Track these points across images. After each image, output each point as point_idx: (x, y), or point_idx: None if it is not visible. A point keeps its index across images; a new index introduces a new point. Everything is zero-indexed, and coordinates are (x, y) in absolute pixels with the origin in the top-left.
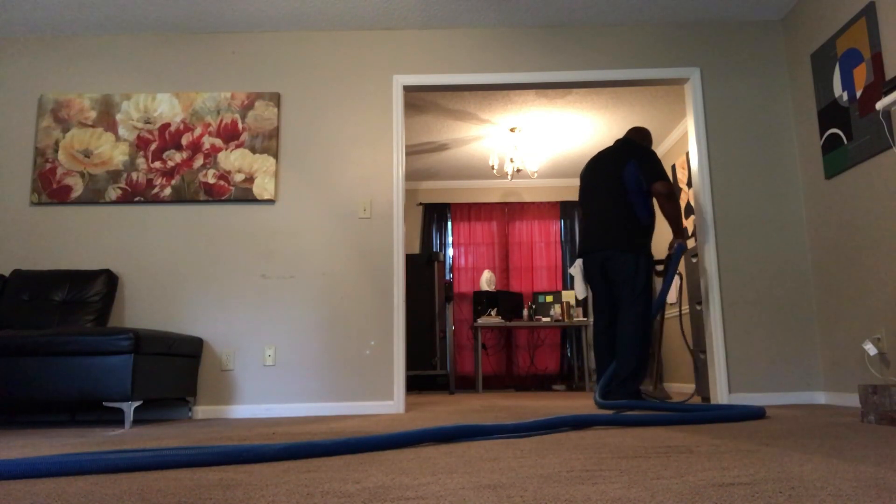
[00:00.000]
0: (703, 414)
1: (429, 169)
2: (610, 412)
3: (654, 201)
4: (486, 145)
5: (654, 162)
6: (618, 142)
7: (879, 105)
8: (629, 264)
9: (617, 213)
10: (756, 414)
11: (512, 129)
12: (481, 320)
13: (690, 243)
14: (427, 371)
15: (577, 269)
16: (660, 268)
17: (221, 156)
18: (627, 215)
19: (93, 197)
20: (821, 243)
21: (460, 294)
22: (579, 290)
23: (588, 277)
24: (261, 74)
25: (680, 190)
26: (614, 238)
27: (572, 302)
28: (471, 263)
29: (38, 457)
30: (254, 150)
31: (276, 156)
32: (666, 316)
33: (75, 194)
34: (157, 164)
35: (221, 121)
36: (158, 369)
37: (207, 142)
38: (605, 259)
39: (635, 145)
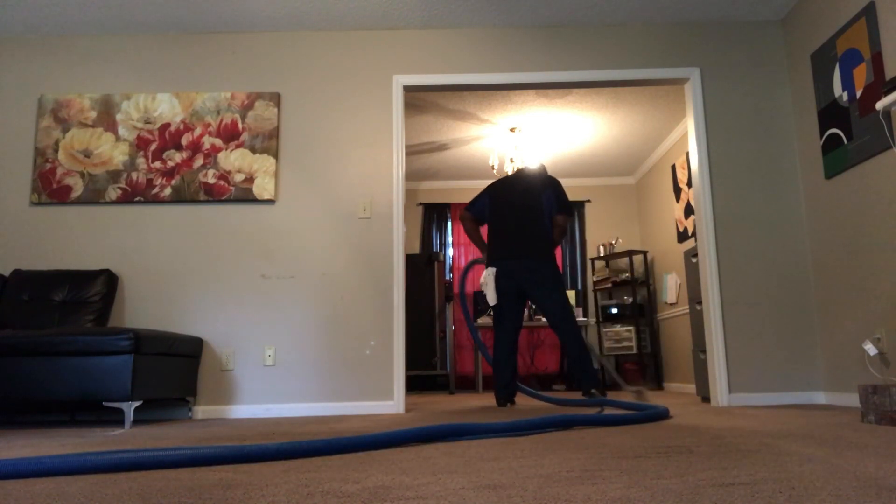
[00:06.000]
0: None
1: (429, 169)
2: (596, 410)
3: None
4: (486, 145)
5: (566, 196)
6: (525, 171)
7: (879, 105)
8: (551, 271)
9: (540, 229)
10: (661, 415)
11: (512, 129)
12: (481, 320)
13: (690, 243)
14: (427, 371)
15: (490, 277)
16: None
17: (221, 156)
18: (545, 231)
19: (93, 197)
20: (821, 243)
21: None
22: (491, 296)
23: (501, 286)
24: (261, 74)
25: (680, 190)
26: (536, 248)
27: (572, 301)
28: None
29: (38, 457)
30: (254, 150)
31: (276, 156)
32: (667, 316)
33: (75, 194)
34: (157, 164)
35: (221, 121)
36: (158, 369)
37: (207, 142)
38: (527, 269)
39: (550, 177)
